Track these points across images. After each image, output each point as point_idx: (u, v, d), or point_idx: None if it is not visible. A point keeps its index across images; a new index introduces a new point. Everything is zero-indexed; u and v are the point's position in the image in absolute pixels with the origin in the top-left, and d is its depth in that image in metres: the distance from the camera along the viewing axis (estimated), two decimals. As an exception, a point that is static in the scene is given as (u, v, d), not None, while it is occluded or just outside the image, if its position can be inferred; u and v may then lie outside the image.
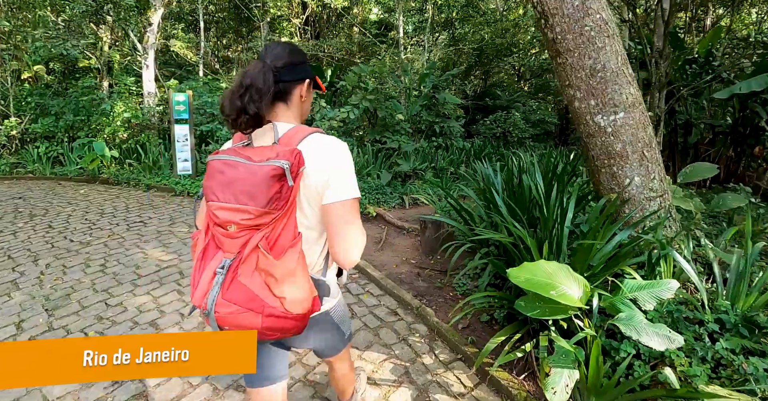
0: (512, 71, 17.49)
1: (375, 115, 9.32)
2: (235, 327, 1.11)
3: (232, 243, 1.09)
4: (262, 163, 1.07)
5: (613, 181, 3.32)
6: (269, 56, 1.21)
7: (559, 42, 3.20)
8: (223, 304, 1.10)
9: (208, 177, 1.13)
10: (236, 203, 1.07)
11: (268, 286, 1.09)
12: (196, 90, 9.37)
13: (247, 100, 1.14)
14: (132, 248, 4.32)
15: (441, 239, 4.33)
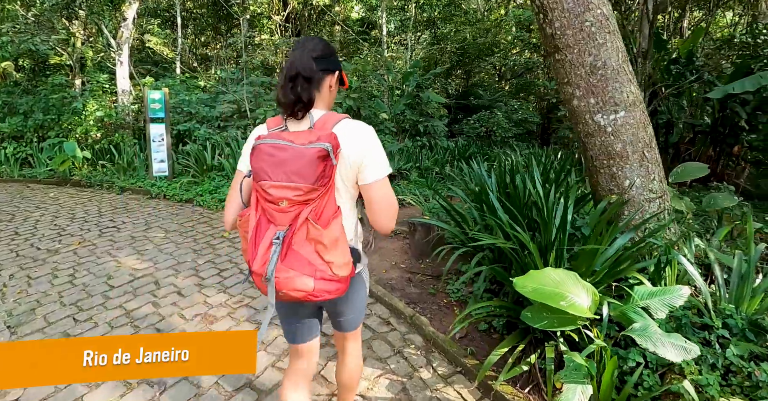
0: (493, 71, 17.47)
1: (358, 114, 9.10)
2: (292, 290, 1.24)
3: (284, 217, 1.22)
4: (308, 146, 1.19)
5: (612, 182, 3.19)
6: (307, 47, 1.33)
7: (558, 38, 3.05)
8: (282, 270, 1.23)
9: (257, 159, 1.23)
10: (288, 181, 1.19)
11: (318, 253, 1.24)
12: (173, 88, 9.00)
13: (300, 89, 1.28)
14: (104, 256, 4.02)
15: (431, 242, 4.16)
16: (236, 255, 4.09)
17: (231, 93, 7.99)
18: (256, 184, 1.25)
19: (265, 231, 1.25)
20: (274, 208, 1.23)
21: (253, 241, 1.26)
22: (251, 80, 8.43)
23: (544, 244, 2.88)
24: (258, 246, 1.25)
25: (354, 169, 1.32)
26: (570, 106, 3.19)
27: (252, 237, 1.26)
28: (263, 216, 1.27)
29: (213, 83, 9.81)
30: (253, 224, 1.27)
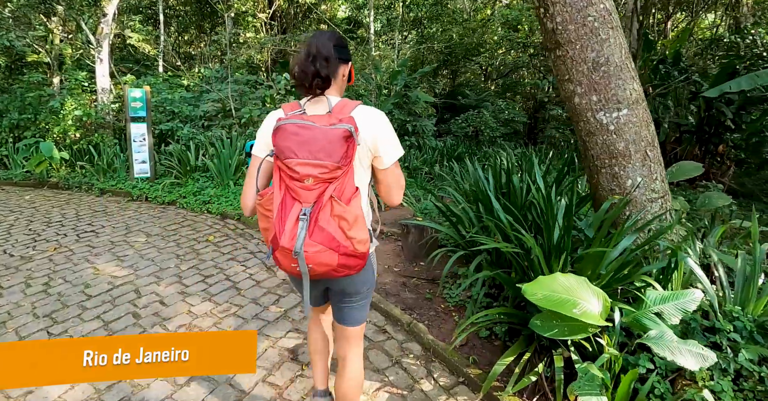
0: (479, 71, 17.43)
1: (346, 113, 8.92)
2: (318, 264, 1.28)
3: (309, 195, 1.25)
4: (332, 126, 1.25)
5: (613, 182, 3.07)
6: (325, 35, 1.42)
7: (559, 33, 2.92)
8: (310, 244, 1.25)
9: (282, 138, 1.26)
10: (314, 159, 1.23)
11: (342, 229, 1.27)
12: (155, 86, 8.69)
13: (319, 65, 1.34)
14: (81, 263, 3.77)
15: (425, 245, 4.01)
16: (221, 260, 3.88)
17: (215, 91, 7.74)
18: (281, 162, 1.28)
19: (290, 208, 1.28)
20: (299, 186, 1.26)
21: (279, 218, 1.28)
22: (236, 78, 8.19)
23: (548, 247, 2.76)
24: (285, 222, 1.27)
25: (370, 152, 1.41)
26: (571, 103, 3.07)
27: (278, 214, 1.29)
28: (288, 193, 1.29)
29: (197, 82, 9.52)
30: (278, 202, 1.29)
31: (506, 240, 3.23)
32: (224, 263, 3.81)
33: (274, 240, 1.30)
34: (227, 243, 4.30)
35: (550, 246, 2.70)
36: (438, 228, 3.59)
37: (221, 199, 5.43)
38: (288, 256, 1.29)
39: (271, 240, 1.31)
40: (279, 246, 1.28)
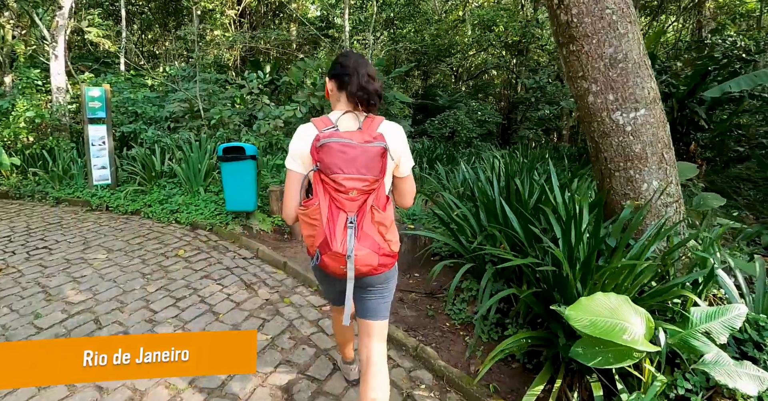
0: (450, 72, 17.32)
1: (321, 113, 8.51)
2: (363, 265, 1.42)
3: (353, 205, 1.40)
4: (370, 144, 1.40)
5: (628, 186, 2.83)
6: (363, 59, 1.56)
7: (574, 26, 2.64)
8: (359, 248, 1.40)
9: (330, 155, 1.37)
10: (358, 174, 1.38)
11: (380, 234, 1.45)
12: (116, 85, 8.00)
13: (377, 85, 1.52)
14: (31, 287, 3.22)
15: (419, 254, 3.68)
16: (194, 278, 3.42)
17: (182, 91, 7.15)
18: (327, 177, 1.38)
19: (337, 217, 1.38)
20: (345, 197, 1.38)
21: (328, 226, 1.38)
22: (204, 77, 7.62)
23: (568, 259, 2.46)
24: (335, 229, 1.37)
25: (393, 163, 1.53)
26: (583, 102, 2.80)
27: (327, 223, 1.38)
28: (333, 204, 1.39)
29: (162, 80, 8.86)
30: (325, 212, 1.38)
31: (515, 250, 2.93)
32: (197, 282, 3.35)
33: (323, 245, 1.40)
34: (200, 258, 3.82)
35: (573, 260, 2.41)
36: (439, 238, 3.26)
37: (191, 208, 4.92)
38: (338, 259, 1.40)
39: (320, 245, 1.41)
40: (331, 250, 1.38)
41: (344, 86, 1.51)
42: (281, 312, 2.96)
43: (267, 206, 4.93)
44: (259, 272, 3.56)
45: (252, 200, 4.44)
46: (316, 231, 1.41)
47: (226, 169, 4.40)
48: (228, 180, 4.40)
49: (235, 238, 4.28)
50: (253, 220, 4.56)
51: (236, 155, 4.35)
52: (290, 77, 7.56)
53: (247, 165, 4.40)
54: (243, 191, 4.39)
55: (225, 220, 4.61)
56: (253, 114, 7.19)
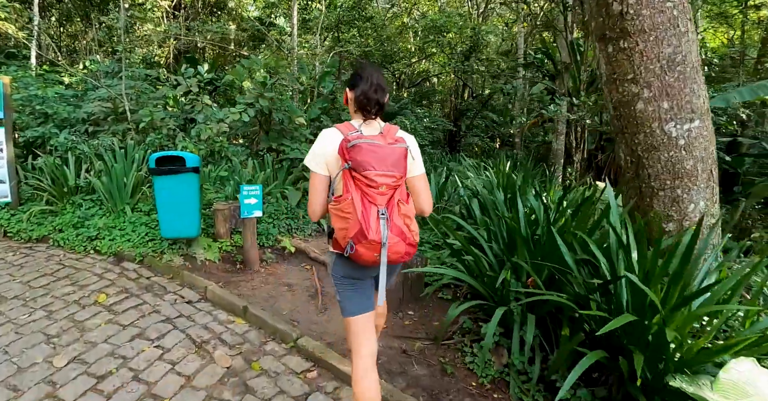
0: (392, 78, 16.86)
1: (268, 118, 7.54)
2: (394, 253, 1.50)
3: (383, 199, 1.49)
4: (395, 145, 1.53)
5: (673, 207, 2.33)
6: (375, 70, 1.69)
7: (630, 18, 2.08)
8: (391, 237, 1.48)
9: (361, 154, 1.46)
10: (389, 171, 1.48)
11: (406, 225, 1.53)
12: (22, 80, 6.50)
13: (379, 95, 1.62)
14: None
15: (411, 285, 2.98)
16: (122, 339, 2.43)
17: (105, 87, 5.89)
18: (359, 174, 1.46)
19: (369, 209, 1.46)
20: (375, 192, 1.47)
21: (363, 218, 1.45)
22: (132, 71, 6.37)
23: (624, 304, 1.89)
24: (369, 220, 1.45)
25: (413, 163, 1.65)
26: (628, 109, 2.25)
27: (361, 215, 1.45)
28: (365, 198, 1.47)
29: (81, 77, 7.43)
30: (359, 205, 1.46)
31: (548, 286, 2.33)
32: (127, 346, 2.38)
33: (359, 235, 1.45)
34: (128, 304, 2.82)
35: (645, 303, 1.83)
36: (454, 274, 2.56)
37: (114, 233, 3.84)
38: (373, 248, 1.47)
39: (354, 236, 1.46)
40: (367, 239, 1.44)
41: (354, 92, 1.64)
42: (251, 387, 2.11)
43: (212, 228, 3.98)
44: (212, 322, 2.65)
45: (194, 223, 3.47)
46: (349, 223, 1.47)
47: (161, 185, 3.40)
48: (163, 198, 3.39)
49: (173, 273, 3.30)
50: (197, 248, 3.59)
51: (173, 167, 3.37)
52: (233, 76, 6.54)
53: (187, 179, 3.43)
54: (182, 212, 3.41)
55: (160, 248, 3.61)
56: (189, 117, 6.09)
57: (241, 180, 5.01)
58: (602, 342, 2.05)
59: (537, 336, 2.31)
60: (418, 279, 3.01)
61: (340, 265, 1.66)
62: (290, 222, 4.65)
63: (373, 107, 1.60)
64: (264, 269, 3.56)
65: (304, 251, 3.91)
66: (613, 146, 8.46)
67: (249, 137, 8.77)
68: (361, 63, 2.20)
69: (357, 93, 1.61)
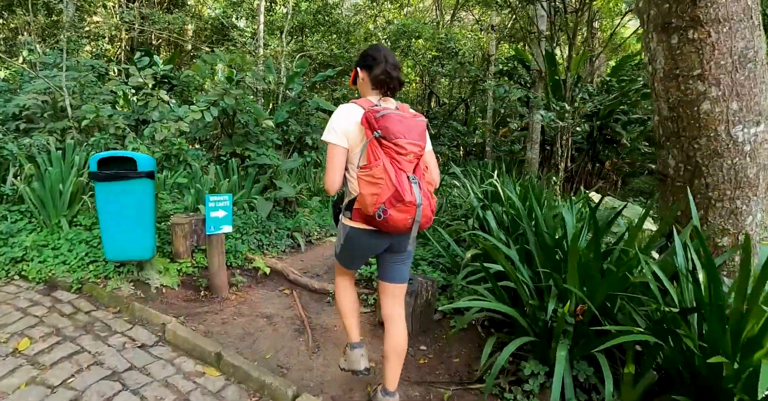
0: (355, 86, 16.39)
1: (232, 120, 6.82)
2: (423, 216, 1.53)
3: (410, 166, 1.53)
4: (417, 119, 1.60)
5: (729, 220, 1.99)
6: (389, 51, 1.72)
7: (704, 5, 1.72)
8: (423, 199, 1.52)
9: (393, 123, 1.50)
10: (416, 141, 1.54)
11: (429, 191, 1.59)
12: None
13: (398, 73, 1.67)
14: None
15: (420, 314, 2.48)
16: None
17: (42, 78, 4.98)
18: (390, 142, 1.50)
19: (400, 175, 1.49)
20: (405, 159, 1.51)
21: (397, 181, 1.47)
22: (74, 63, 5.48)
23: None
24: (403, 184, 1.48)
25: None
26: (691, 111, 1.89)
27: (396, 179, 1.47)
28: (394, 164, 1.50)
29: (17, 67, 6.40)
30: (392, 171, 1.48)
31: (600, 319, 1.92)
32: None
33: (394, 198, 1.47)
34: (60, 354, 2.10)
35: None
36: (496, 307, 2.07)
37: (46, 253, 3.06)
38: (408, 210, 1.48)
39: (388, 199, 1.47)
40: (404, 201, 1.46)
41: (371, 71, 1.66)
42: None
43: (169, 246, 3.28)
44: (174, 376, 2.01)
45: (147, 242, 2.76)
46: (381, 188, 1.48)
47: (105, 194, 2.67)
48: (107, 211, 2.67)
49: (121, 305, 2.61)
50: (150, 272, 2.90)
51: (121, 171, 2.67)
52: (194, 72, 5.81)
53: (139, 187, 2.72)
54: (132, 228, 2.69)
55: (103, 272, 2.90)
56: (141, 118, 5.30)
57: (203, 188, 4.32)
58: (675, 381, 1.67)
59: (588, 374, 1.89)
60: (428, 307, 2.52)
61: (357, 241, 1.67)
62: (261, 238, 4.02)
63: (394, 84, 1.65)
64: (234, 295, 2.93)
65: (281, 272, 3.31)
66: (584, 156, 8.44)
67: (208, 141, 7.98)
68: (373, 44, 2.47)
69: (377, 72, 1.63)
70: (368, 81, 1.67)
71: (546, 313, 1.89)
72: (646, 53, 2.05)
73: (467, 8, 14.59)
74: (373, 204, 1.49)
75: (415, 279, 2.52)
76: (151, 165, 2.82)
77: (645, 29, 1.99)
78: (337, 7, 13.28)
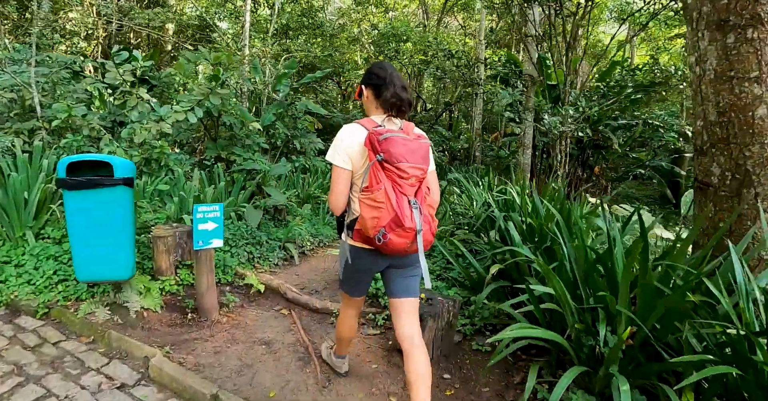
0: (339, 91, 16.15)
1: (216, 122, 6.44)
2: (425, 240, 1.52)
3: (411, 189, 1.51)
4: (421, 141, 1.57)
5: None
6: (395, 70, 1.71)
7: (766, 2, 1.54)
8: (423, 224, 1.50)
9: (394, 146, 1.48)
10: (418, 164, 1.51)
11: (430, 214, 1.58)
12: None
13: (407, 94, 1.64)
14: None
15: (442, 338, 2.21)
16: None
17: (9, 73, 4.51)
18: (392, 165, 1.48)
19: (401, 199, 1.48)
20: (406, 183, 1.49)
21: (398, 206, 1.46)
22: (46, 59, 5.03)
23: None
24: (403, 209, 1.47)
25: None
26: (744, 115, 1.70)
27: (396, 204, 1.46)
28: (395, 188, 1.49)
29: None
30: (393, 195, 1.47)
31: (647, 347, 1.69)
32: None
33: (393, 223, 1.46)
34: (23, 400, 1.79)
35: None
36: (543, 335, 1.82)
37: (8, 271, 2.65)
38: (407, 235, 1.47)
39: (388, 224, 1.46)
40: (403, 227, 1.45)
41: (380, 94, 1.63)
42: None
43: (149, 261, 2.94)
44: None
45: (126, 260, 2.40)
46: (382, 212, 1.47)
47: (76, 204, 2.29)
48: (79, 224, 2.30)
49: (96, 334, 2.26)
50: (130, 293, 2.55)
51: (95, 178, 2.32)
52: (176, 70, 5.43)
53: (116, 196, 2.35)
54: (108, 244, 2.32)
55: (75, 294, 2.54)
56: (118, 120, 4.90)
57: (187, 195, 3.97)
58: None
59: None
60: (449, 329, 2.26)
61: (357, 259, 1.65)
62: (251, 250, 3.69)
63: (405, 107, 1.63)
64: (226, 318, 2.61)
65: (277, 290, 2.99)
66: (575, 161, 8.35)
67: (190, 145, 7.56)
68: (377, 61, 2.63)
69: (387, 95, 1.61)
70: (373, 99, 1.66)
71: (595, 338, 1.66)
72: (692, 53, 1.86)
73: (452, 13, 14.53)
74: (373, 228, 1.49)
75: (434, 299, 2.26)
76: (130, 170, 2.49)
77: (693, 28, 1.80)
78: (322, 10, 13.00)
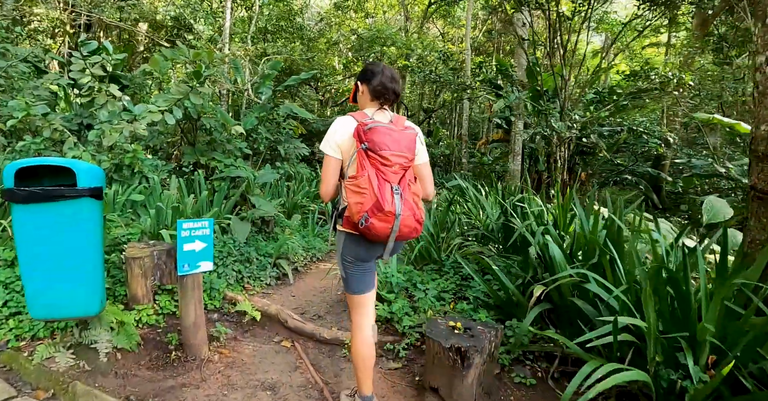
0: (316, 96, 15.68)
1: (195, 125, 5.87)
2: (406, 225, 1.53)
3: (395, 177, 1.53)
4: (406, 131, 1.59)
5: None
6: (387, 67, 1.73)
7: None
8: (404, 210, 1.51)
9: (379, 135, 1.51)
10: (401, 152, 1.53)
11: (415, 202, 1.58)
12: None
13: (395, 85, 1.67)
14: None
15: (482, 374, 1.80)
16: None
17: None
18: (375, 153, 1.51)
19: (384, 185, 1.50)
20: (389, 170, 1.52)
21: (380, 192, 1.48)
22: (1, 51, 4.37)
23: None
24: (385, 194, 1.48)
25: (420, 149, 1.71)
26: None
27: (378, 190, 1.48)
28: (379, 175, 1.51)
29: None
30: (375, 182, 1.49)
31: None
32: None
33: (374, 208, 1.48)
34: None
35: None
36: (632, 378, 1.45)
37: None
38: (387, 220, 1.49)
39: (369, 209, 1.48)
40: (383, 211, 1.47)
41: (370, 84, 1.65)
42: None
43: (121, 286, 2.40)
44: None
45: (93, 291, 1.86)
46: (365, 198, 1.49)
47: (29, 222, 1.75)
48: (32, 248, 1.75)
49: (57, 386, 1.73)
50: (98, 330, 2.00)
51: (53, 187, 1.79)
52: (152, 67, 4.85)
53: (80, 210, 1.81)
54: (70, 273, 1.79)
55: (30, 332, 2.00)
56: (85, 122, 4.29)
57: (165, 206, 3.43)
58: None
59: None
60: (490, 362, 1.86)
61: (350, 246, 1.66)
62: (240, 268, 3.18)
63: (390, 95, 1.65)
64: (218, 355, 2.12)
65: (275, 317, 2.50)
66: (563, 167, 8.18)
67: (165, 150, 6.93)
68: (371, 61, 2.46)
69: (374, 83, 1.64)
70: (367, 93, 1.68)
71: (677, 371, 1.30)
72: (764, 51, 1.57)
73: (432, 20, 14.36)
74: (357, 213, 1.52)
75: (474, 328, 1.86)
76: (98, 179, 1.93)
77: (765, 24, 1.52)
78: (301, 13, 12.56)
